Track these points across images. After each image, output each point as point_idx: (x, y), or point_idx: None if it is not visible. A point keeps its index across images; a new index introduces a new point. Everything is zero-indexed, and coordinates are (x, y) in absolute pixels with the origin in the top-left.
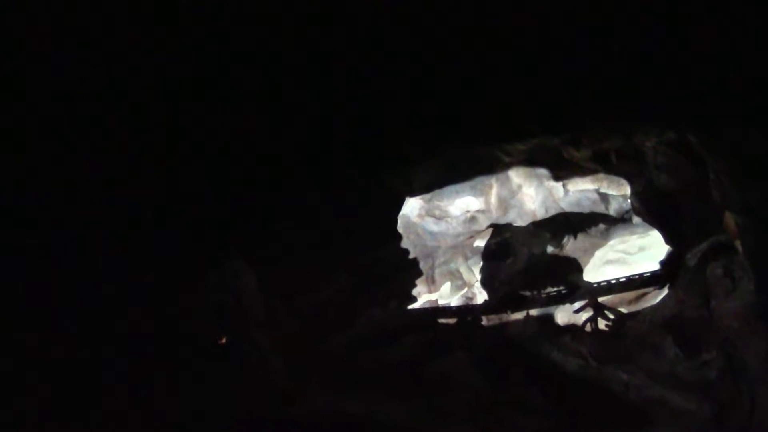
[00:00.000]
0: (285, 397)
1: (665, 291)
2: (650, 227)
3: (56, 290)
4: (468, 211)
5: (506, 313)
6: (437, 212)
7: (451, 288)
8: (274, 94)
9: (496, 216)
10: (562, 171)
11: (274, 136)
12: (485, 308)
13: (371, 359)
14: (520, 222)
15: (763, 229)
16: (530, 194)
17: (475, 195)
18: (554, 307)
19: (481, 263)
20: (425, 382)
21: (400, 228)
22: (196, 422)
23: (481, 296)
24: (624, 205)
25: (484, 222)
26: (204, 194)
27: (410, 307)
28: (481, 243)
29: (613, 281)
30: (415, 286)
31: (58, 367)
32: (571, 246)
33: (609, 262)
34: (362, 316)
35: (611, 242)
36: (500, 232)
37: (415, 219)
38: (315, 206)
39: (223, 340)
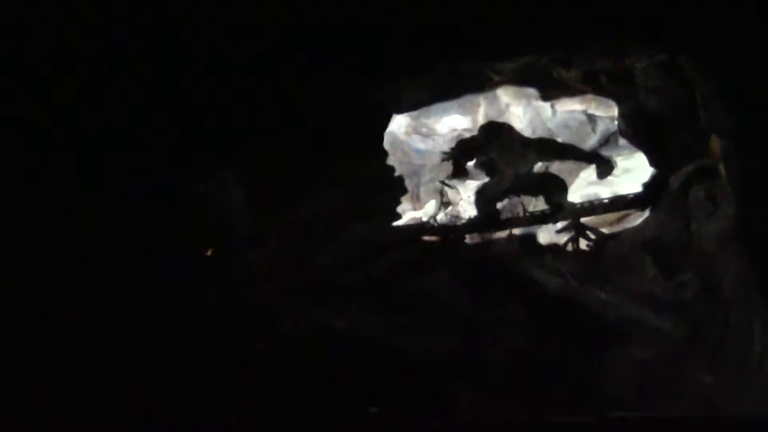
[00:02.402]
0: (271, 312)
1: (647, 213)
2: (636, 149)
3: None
4: (455, 130)
5: (489, 231)
6: (424, 130)
7: (435, 206)
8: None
9: None
10: (550, 91)
11: (260, 46)
12: (469, 226)
13: (355, 275)
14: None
15: (747, 153)
16: (518, 114)
17: (462, 113)
18: (537, 226)
19: (467, 182)
20: (408, 298)
21: (386, 145)
22: (181, 337)
23: (465, 215)
24: (611, 126)
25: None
26: (193, 105)
27: (395, 224)
28: (467, 162)
29: (596, 202)
30: (399, 203)
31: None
32: (556, 166)
33: (593, 183)
34: (347, 232)
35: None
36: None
37: (401, 136)
38: (301, 121)
39: (209, 253)
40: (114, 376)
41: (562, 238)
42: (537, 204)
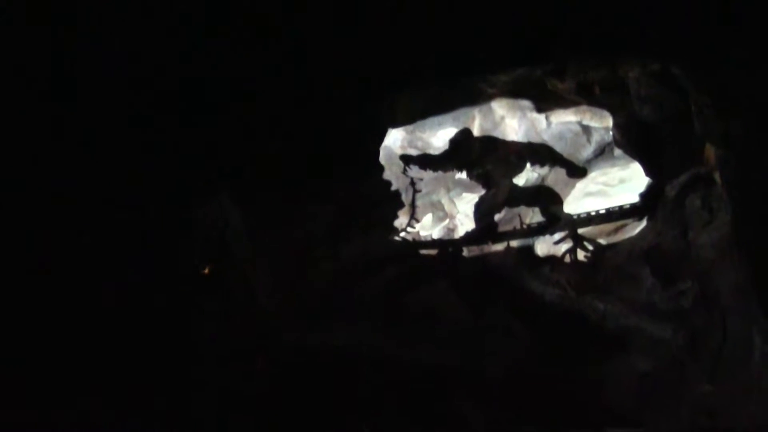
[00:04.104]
0: (271, 329)
1: (644, 223)
2: (631, 159)
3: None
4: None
5: (487, 244)
6: (419, 144)
7: (432, 219)
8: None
9: None
10: (545, 103)
11: (254, 59)
12: (466, 239)
13: (354, 290)
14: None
15: (742, 161)
16: (513, 126)
17: (457, 126)
18: (534, 238)
19: (463, 195)
20: (408, 312)
21: (382, 160)
22: (182, 354)
23: (462, 228)
24: (606, 137)
25: None
26: (190, 129)
27: (392, 238)
28: (463, 175)
29: (593, 213)
30: (396, 217)
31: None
32: (552, 178)
33: (589, 194)
34: (345, 247)
35: (592, 174)
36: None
37: (397, 150)
38: (296, 139)
39: (207, 271)
40: (112, 398)
41: (560, 250)
42: (534, 216)
